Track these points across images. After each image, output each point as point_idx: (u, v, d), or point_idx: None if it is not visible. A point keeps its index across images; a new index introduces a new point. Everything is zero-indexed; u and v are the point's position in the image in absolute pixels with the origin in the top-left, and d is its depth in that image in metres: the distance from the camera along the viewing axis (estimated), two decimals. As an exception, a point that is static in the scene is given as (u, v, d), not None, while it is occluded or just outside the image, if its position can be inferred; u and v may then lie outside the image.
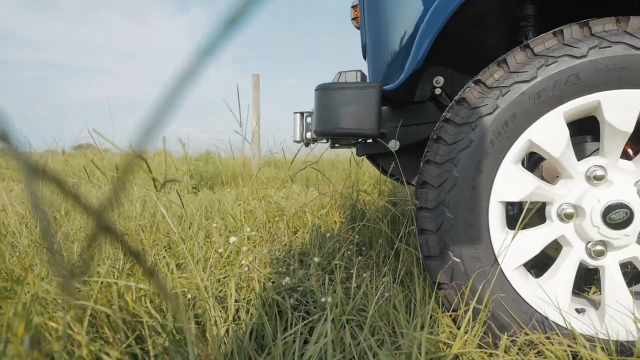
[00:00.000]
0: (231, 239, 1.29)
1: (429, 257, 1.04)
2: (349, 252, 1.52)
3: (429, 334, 0.98)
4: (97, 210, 0.17)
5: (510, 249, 1.00)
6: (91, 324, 0.72)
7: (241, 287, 1.15)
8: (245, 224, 1.49)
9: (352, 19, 1.56)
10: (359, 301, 1.12)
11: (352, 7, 1.58)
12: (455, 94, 1.06)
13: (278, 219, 1.87)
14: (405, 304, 1.16)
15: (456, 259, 1.01)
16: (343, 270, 1.39)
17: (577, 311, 1.03)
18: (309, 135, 1.51)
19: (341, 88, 1.09)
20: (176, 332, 0.83)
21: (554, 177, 1.14)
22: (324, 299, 1.03)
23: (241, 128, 1.43)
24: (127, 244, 0.19)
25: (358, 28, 1.51)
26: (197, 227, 1.83)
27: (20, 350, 0.56)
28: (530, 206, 1.00)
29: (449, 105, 1.03)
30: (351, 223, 1.77)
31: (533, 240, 1.01)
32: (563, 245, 1.04)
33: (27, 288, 0.71)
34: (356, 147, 1.47)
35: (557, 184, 1.04)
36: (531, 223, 1.12)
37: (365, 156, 1.52)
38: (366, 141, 1.44)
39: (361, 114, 1.09)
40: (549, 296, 0.98)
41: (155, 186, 0.73)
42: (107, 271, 1.00)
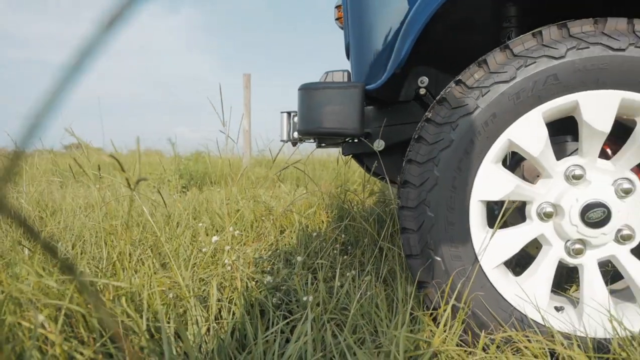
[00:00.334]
0: (213, 238, 1.28)
1: (410, 255, 1.05)
2: (334, 251, 1.52)
3: (409, 332, 0.98)
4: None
5: (490, 247, 1.01)
6: (68, 323, 0.72)
7: (224, 286, 1.15)
8: (228, 222, 1.49)
9: (336, 19, 1.56)
10: (342, 300, 1.12)
11: (336, 7, 1.58)
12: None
13: (265, 218, 1.87)
14: (388, 303, 1.16)
15: (437, 257, 1.01)
16: (329, 269, 1.40)
17: (557, 309, 1.04)
18: (295, 135, 1.51)
19: (323, 88, 1.10)
20: (155, 331, 0.82)
21: (534, 177, 1.15)
22: (305, 297, 1.03)
23: (225, 127, 1.43)
24: (33, 231, 0.18)
25: (342, 28, 1.51)
26: (184, 227, 1.83)
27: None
28: (509, 205, 1.01)
29: (431, 105, 1.04)
30: (338, 222, 1.77)
31: (513, 239, 1.02)
32: (543, 244, 1.05)
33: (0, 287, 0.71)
34: (342, 147, 1.48)
35: (537, 184, 1.05)
36: (513, 222, 1.13)
37: (351, 156, 1.53)
38: (353, 140, 1.44)
39: (343, 114, 1.09)
40: (527, 294, 0.99)
41: (129, 185, 0.73)
42: (90, 271, 0.99)
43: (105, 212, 1.93)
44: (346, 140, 1.43)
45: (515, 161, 1.21)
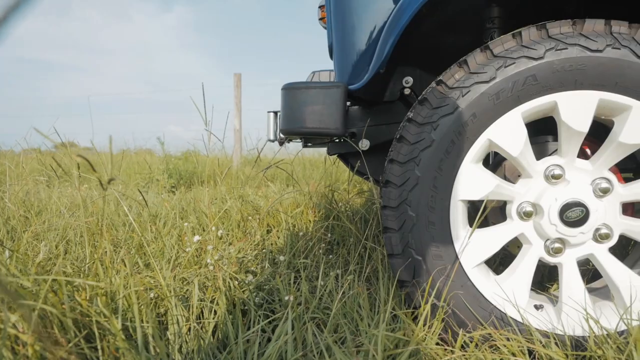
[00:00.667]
0: (195, 238, 1.28)
1: (392, 255, 1.05)
2: (320, 250, 1.53)
3: (390, 331, 0.99)
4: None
5: (471, 246, 1.01)
6: (42, 324, 0.71)
7: (207, 286, 1.15)
8: (211, 222, 1.48)
9: (320, 19, 1.56)
10: (324, 299, 1.12)
11: (319, 7, 1.58)
12: (423, 94, 1.07)
13: (251, 217, 1.86)
14: (371, 302, 1.17)
15: (418, 256, 1.02)
16: (313, 269, 1.40)
17: (536, 307, 1.05)
18: (282, 134, 1.51)
19: (306, 87, 1.10)
20: (133, 331, 0.82)
21: (516, 176, 1.16)
22: (287, 297, 1.03)
23: (207, 126, 1.43)
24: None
25: (325, 28, 1.51)
26: (170, 226, 1.82)
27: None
28: (488, 205, 1.02)
29: (412, 105, 1.04)
30: (325, 222, 1.77)
31: (493, 238, 1.03)
32: (523, 243, 1.06)
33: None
34: (327, 146, 1.48)
35: (517, 183, 1.06)
36: (496, 222, 1.14)
37: (336, 155, 1.53)
38: (340, 140, 1.45)
39: (326, 114, 1.10)
40: (506, 293, 1.00)
41: (101, 184, 0.73)
42: (67, 271, 0.99)
43: (90, 211, 1.91)
44: (332, 139, 1.43)
45: (497, 161, 1.22)
